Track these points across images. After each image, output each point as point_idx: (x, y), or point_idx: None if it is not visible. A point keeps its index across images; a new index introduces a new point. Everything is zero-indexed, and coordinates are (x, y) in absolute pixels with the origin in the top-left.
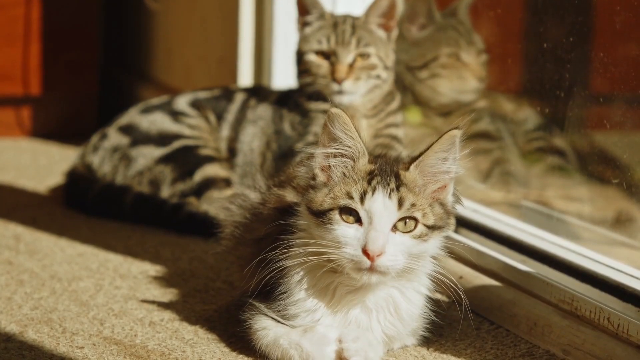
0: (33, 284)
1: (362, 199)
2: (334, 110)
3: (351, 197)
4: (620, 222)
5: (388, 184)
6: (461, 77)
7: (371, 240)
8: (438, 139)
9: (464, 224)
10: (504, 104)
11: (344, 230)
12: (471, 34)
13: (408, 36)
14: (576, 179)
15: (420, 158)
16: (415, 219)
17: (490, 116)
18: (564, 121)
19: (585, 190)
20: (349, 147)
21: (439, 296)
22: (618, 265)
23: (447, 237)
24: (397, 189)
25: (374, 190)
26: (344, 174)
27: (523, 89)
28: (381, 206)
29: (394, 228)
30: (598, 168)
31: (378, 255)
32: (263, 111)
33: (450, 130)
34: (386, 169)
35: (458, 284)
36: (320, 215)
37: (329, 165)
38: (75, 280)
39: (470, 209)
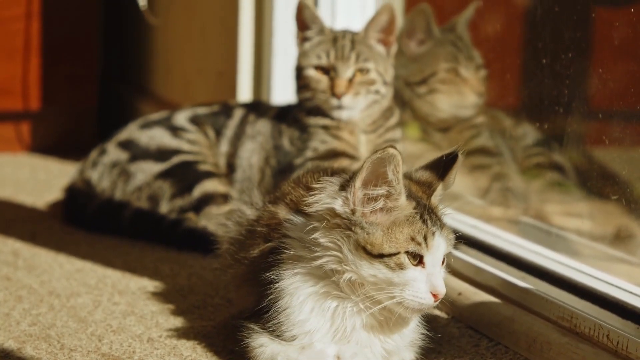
0: (31, 300)
1: (426, 243)
2: (392, 150)
3: (418, 243)
4: (619, 239)
5: (437, 224)
6: (460, 93)
7: (439, 283)
8: (453, 167)
9: (462, 240)
10: (503, 119)
11: (414, 274)
12: (470, 50)
13: (407, 51)
14: (575, 195)
15: (439, 187)
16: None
17: (489, 132)
18: (563, 137)
19: (585, 206)
20: (395, 188)
21: (437, 312)
22: (618, 282)
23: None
24: (443, 227)
25: (433, 234)
26: (395, 217)
27: (522, 105)
28: (443, 249)
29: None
30: (597, 184)
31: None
32: (262, 126)
33: (458, 156)
34: (423, 205)
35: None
36: (382, 257)
37: (365, 200)
38: (73, 296)
39: (469, 225)
